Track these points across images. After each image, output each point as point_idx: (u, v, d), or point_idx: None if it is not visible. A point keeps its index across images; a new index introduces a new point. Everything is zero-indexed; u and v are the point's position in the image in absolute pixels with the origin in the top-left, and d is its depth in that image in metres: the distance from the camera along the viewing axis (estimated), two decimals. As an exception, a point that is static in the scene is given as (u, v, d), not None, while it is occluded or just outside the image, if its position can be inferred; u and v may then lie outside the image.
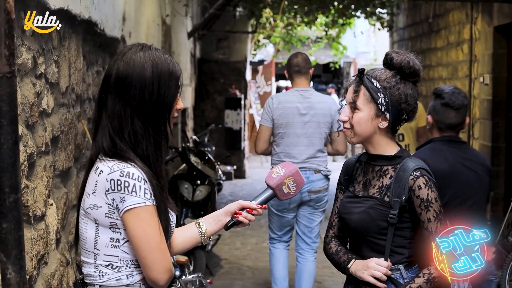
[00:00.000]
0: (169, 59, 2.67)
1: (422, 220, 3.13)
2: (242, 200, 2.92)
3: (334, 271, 8.48)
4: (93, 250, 2.64)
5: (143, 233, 2.55)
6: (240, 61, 16.93)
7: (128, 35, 6.90)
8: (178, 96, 2.68)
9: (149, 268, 2.58)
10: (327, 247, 3.43)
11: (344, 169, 3.44)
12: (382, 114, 3.17)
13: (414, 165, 3.16)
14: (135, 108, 2.59)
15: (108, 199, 2.56)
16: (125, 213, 2.54)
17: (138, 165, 2.58)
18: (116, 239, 2.61)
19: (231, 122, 16.57)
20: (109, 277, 2.63)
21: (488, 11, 9.52)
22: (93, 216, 2.61)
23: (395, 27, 15.92)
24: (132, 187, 2.53)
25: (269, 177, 2.97)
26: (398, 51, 3.26)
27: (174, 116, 2.71)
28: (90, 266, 2.66)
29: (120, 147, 2.60)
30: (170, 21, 10.62)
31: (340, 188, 3.44)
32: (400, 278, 3.17)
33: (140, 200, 2.54)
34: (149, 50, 2.65)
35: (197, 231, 2.90)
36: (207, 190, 8.14)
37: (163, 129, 2.66)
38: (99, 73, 5.60)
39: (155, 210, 2.58)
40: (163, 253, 2.59)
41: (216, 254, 8.90)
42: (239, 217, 2.89)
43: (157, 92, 2.60)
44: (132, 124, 2.60)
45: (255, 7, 14.32)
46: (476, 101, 10.27)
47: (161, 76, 2.61)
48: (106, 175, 2.55)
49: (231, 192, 14.63)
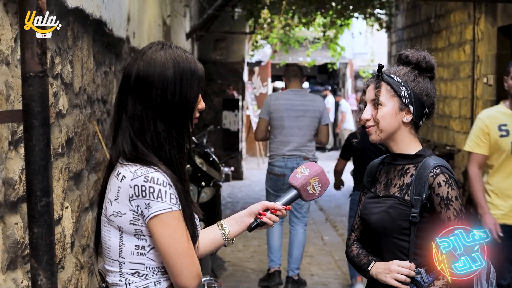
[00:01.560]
0: (190, 58, 2.58)
1: (442, 219, 3.07)
2: (242, 201, 2.84)
3: (339, 273, 8.48)
4: (118, 259, 2.56)
5: (170, 240, 2.47)
6: (237, 62, 16.87)
7: (132, 35, 6.83)
8: (200, 95, 2.60)
9: (178, 275, 2.50)
10: (348, 250, 3.39)
11: (368, 172, 3.40)
12: (406, 107, 3.15)
13: (435, 162, 3.11)
14: (157, 109, 2.51)
15: (132, 205, 2.47)
16: (151, 219, 2.46)
17: (162, 169, 2.49)
18: (141, 246, 2.53)
19: (229, 123, 16.52)
20: (136, 285, 2.54)
21: (492, 11, 9.49)
22: (116, 223, 2.53)
23: (393, 28, 15.89)
24: (158, 192, 2.45)
25: (293, 177, 2.89)
26: (410, 49, 3.26)
27: (196, 116, 2.63)
28: (115, 275, 2.57)
29: (142, 150, 2.51)
30: (170, 22, 10.55)
31: (363, 191, 3.39)
32: (421, 282, 3.12)
33: (166, 205, 2.45)
34: (170, 49, 2.56)
35: (220, 233, 2.82)
36: (212, 191, 8.07)
37: (185, 131, 2.57)
38: (106, 74, 5.53)
39: (181, 215, 2.50)
40: (191, 259, 2.51)
41: (220, 256, 8.83)
42: (263, 218, 2.81)
43: (179, 93, 2.52)
44: (154, 127, 2.51)
45: (254, 8, 14.26)
46: (479, 101, 10.23)
47: (183, 75, 2.53)
48: (129, 181, 2.47)
49: (230, 193, 14.57)
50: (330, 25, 16.77)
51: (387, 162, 3.30)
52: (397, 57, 3.27)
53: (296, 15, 15.63)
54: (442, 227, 3.05)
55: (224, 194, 13.98)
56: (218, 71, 16.57)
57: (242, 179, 16.92)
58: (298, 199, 2.92)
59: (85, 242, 4.46)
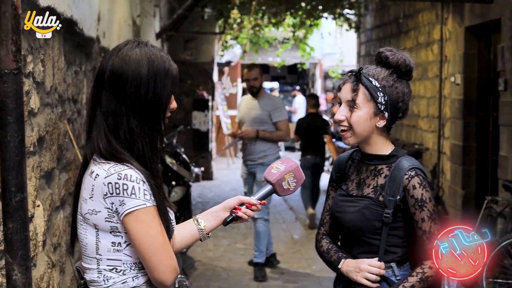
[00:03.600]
0: (165, 57, 2.60)
1: (416, 220, 3.12)
2: (212, 201, 2.87)
3: (309, 271, 8.54)
4: (95, 256, 2.58)
5: (146, 235, 2.49)
6: (207, 62, 16.88)
7: (103, 35, 6.82)
8: (172, 95, 2.63)
9: (155, 270, 2.52)
10: (318, 245, 3.41)
11: (335, 166, 3.41)
12: (381, 113, 3.15)
13: (409, 164, 3.15)
14: (131, 106, 2.53)
15: (107, 203, 2.49)
16: (125, 216, 2.48)
17: (135, 166, 2.51)
18: (118, 243, 2.55)
19: (199, 124, 16.51)
20: (114, 281, 2.57)
21: (459, 11, 9.60)
22: (92, 221, 2.55)
23: (362, 28, 16.01)
24: (131, 189, 2.47)
25: (268, 172, 2.92)
26: (391, 48, 3.23)
27: (167, 115, 2.65)
28: (93, 272, 2.59)
29: (116, 147, 2.53)
30: (140, 22, 10.54)
31: (331, 185, 3.41)
32: (392, 276, 3.16)
33: (140, 202, 2.48)
34: (145, 47, 2.58)
35: (196, 228, 2.82)
36: (182, 191, 8.10)
37: (158, 128, 2.59)
38: (77, 73, 5.53)
39: (156, 210, 2.52)
40: (167, 253, 2.53)
41: (190, 256, 8.84)
42: (238, 212, 2.83)
43: (152, 90, 2.54)
44: (127, 122, 2.54)
45: (224, 8, 14.28)
46: (447, 100, 10.35)
47: (157, 74, 2.55)
48: (103, 178, 2.49)
49: (200, 193, 14.57)
50: (299, 25, 16.84)
51: (357, 160, 3.33)
52: (376, 55, 3.23)
53: (265, 15, 15.68)
54: (415, 227, 3.11)
55: (194, 194, 13.96)
56: (188, 71, 16.55)
57: (212, 179, 16.92)
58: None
59: (57, 241, 4.46)
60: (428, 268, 3.10)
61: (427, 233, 3.11)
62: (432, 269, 3.09)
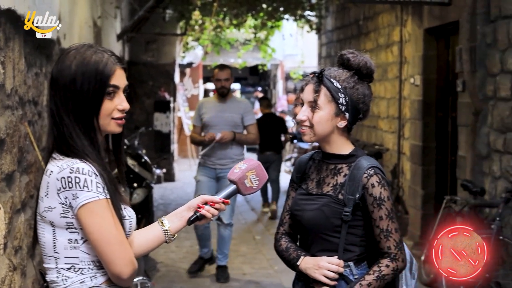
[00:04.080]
0: (99, 59, 2.64)
1: (374, 218, 3.18)
2: (174, 202, 2.90)
3: (271, 271, 8.57)
4: (53, 254, 2.60)
5: (99, 228, 2.52)
6: (169, 63, 16.85)
7: (63, 36, 6.79)
8: (105, 95, 2.62)
9: (110, 263, 2.54)
10: (277, 244, 3.44)
11: (296, 166, 3.47)
12: (342, 113, 3.22)
13: (368, 163, 3.21)
14: (63, 106, 2.61)
15: (61, 198, 2.53)
16: (79, 209, 2.51)
17: (88, 160, 2.56)
18: (74, 239, 2.58)
19: (161, 125, 16.49)
20: (72, 281, 2.59)
21: (419, 13, 9.70)
22: (48, 218, 2.57)
23: (323, 29, 16.09)
24: (84, 182, 2.51)
25: (231, 172, 2.95)
26: (352, 51, 3.30)
27: (115, 116, 2.66)
28: (52, 272, 2.61)
29: (60, 146, 2.60)
30: (101, 23, 10.50)
31: (292, 185, 3.46)
32: (350, 275, 3.21)
33: (93, 194, 2.51)
34: (82, 49, 2.66)
35: (161, 229, 2.84)
36: (144, 193, 8.09)
37: (93, 127, 2.63)
38: (37, 75, 5.50)
39: (109, 203, 2.56)
40: (122, 245, 2.55)
41: (152, 257, 8.83)
42: (201, 210, 2.86)
43: (79, 91, 2.59)
44: (64, 122, 2.61)
45: (185, 9, 14.27)
46: (407, 101, 10.46)
47: (85, 74, 2.60)
48: (56, 174, 2.53)
49: (162, 195, 14.54)
50: (261, 26, 16.90)
51: (318, 160, 3.38)
52: (339, 57, 3.30)
53: (227, 16, 15.70)
54: (373, 225, 3.17)
55: (156, 196, 13.92)
56: (149, 72, 16.51)
57: (174, 181, 16.90)
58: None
59: (18, 244, 4.44)
60: (385, 266, 3.15)
61: (385, 232, 3.17)
62: (389, 268, 3.14)
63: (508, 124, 7.12)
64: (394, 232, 3.17)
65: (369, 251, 3.25)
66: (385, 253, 3.17)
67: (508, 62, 7.09)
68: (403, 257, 3.19)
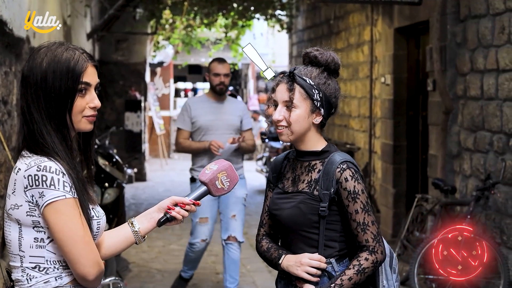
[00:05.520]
0: (70, 56, 2.61)
1: (350, 212, 3.19)
2: (146, 202, 2.88)
3: (244, 270, 8.55)
4: (18, 253, 2.57)
5: (65, 227, 2.49)
6: (139, 62, 16.77)
7: (33, 35, 6.74)
8: (77, 93, 2.60)
9: (76, 263, 2.52)
10: (258, 245, 3.45)
11: (272, 166, 3.47)
12: (317, 109, 3.24)
13: (341, 158, 3.24)
14: (34, 104, 2.58)
15: (27, 196, 2.50)
16: (45, 208, 2.49)
17: (56, 159, 2.54)
18: (40, 238, 2.55)
19: (131, 125, 16.41)
20: (37, 280, 2.56)
21: (389, 13, 9.76)
22: (14, 216, 2.55)
23: (294, 29, 16.12)
24: (50, 180, 2.48)
25: (202, 173, 2.93)
26: (317, 48, 3.34)
27: (86, 114, 2.64)
28: (17, 271, 2.59)
29: (29, 144, 2.57)
30: (71, 22, 10.43)
31: (269, 186, 3.47)
32: (332, 271, 3.22)
33: (59, 193, 2.49)
34: (53, 46, 2.63)
35: (131, 230, 2.83)
36: (115, 192, 8.03)
37: (65, 124, 2.61)
38: (7, 74, 5.46)
39: (76, 203, 2.53)
40: (88, 246, 2.53)
41: (124, 257, 8.78)
42: (172, 212, 2.84)
43: (51, 88, 2.57)
44: (35, 120, 2.58)
45: (155, 8, 14.22)
46: (377, 101, 10.51)
47: (56, 72, 2.58)
48: (23, 172, 2.51)
49: (133, 195, 14.48)
50: (231, 26, 16.87)
51: (292, 158, 3.39)
52: (304, 55, 3.34)
53: (198, 16, 15.66)
54: (350, 219, 3.17)
55: (127, 196, 13.85)
56: (120, 72, 16.42)
57: (145, 181, 16.84)
58: (208, 195, 2.94)
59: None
60: (364, 259, 3.16)
61: (361, 225, 3.17)
62: (368, 261, 3.15)
63: (478, 123, 7.18)
64: (371, 224, 3.18)
65: (349, 247, 3.26)
66: (364, 246, 3.18)
67: (478, 61, 7.15)
68: (382, 249, 3.20)
